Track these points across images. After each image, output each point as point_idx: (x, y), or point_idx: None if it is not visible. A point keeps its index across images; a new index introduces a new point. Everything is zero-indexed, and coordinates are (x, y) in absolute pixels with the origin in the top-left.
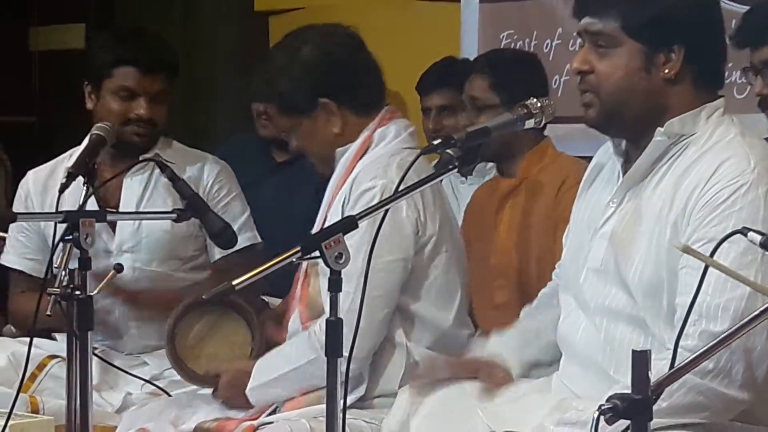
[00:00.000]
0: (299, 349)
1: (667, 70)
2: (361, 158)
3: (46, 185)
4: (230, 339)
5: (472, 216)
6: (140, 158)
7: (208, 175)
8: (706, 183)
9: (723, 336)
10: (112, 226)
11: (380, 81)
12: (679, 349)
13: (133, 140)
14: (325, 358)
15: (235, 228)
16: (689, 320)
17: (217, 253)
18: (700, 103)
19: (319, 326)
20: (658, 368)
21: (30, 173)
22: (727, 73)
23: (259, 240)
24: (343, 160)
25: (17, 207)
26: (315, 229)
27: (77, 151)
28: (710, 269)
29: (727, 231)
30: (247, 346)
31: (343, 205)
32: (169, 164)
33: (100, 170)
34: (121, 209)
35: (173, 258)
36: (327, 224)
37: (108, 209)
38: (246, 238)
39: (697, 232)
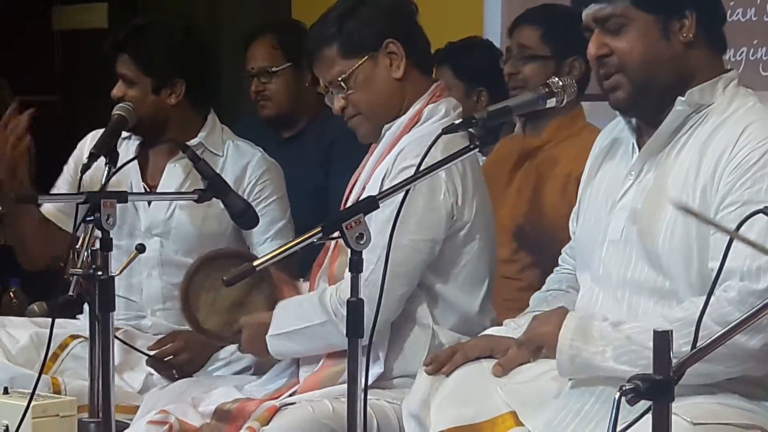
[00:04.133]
0: (313, 308)
1: (684, 34)
2: (408, 133)
3: None
4: (244, 290)
5: (490, 168)
6: (165, 141)
7: (251, 174)
8: (733, 147)
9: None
10: (149, 206)
11: (430, 47)
12: (718, 293)
13: None
14: (336, 322)
15: (272, 232)
16: (730, 284)
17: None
18: (716, 70)
19: (335, 291)
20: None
21: (91, 134)
22: (752, 50)
23: None
24: (389, 134)
25: (71, 165)
26: (347, 202)
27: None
28: (743, 233)
29: (761, 192)
30: (261, 297)
31: (383, 179)
32: (215, 152)
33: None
34: None
35: (199, 253)
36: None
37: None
38: (280, 244)
39: (730, 196)
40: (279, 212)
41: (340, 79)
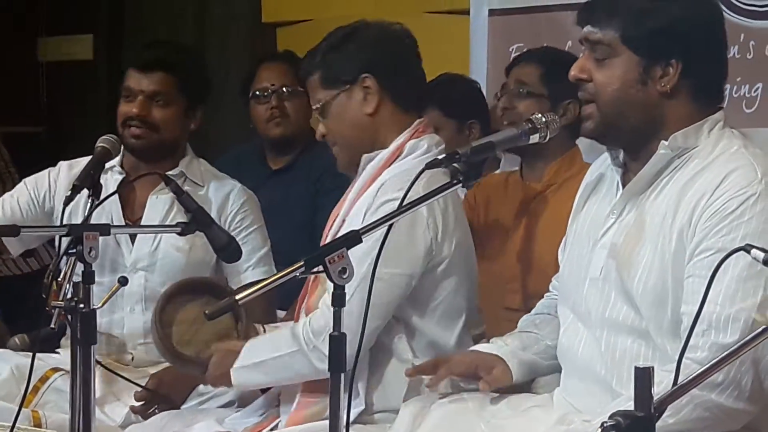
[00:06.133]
0: (285, 338)
1: (663, 84)
2: (389, 167)
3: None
4: (215, 326)
5: (486, 210)
6: (150, 173)
7: (233, 203)
8: (712, 193)
9: (731, 350)
10: (132, 241)
11: (423, 85)
12: (687, 361)
13: (130, 143)
14: (306, 352)
15: (253, 260)
16: (697, 330)
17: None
18: (699, 116)
19: (308, 321)
20: (664, 380)
21: (64, 164)
22: (735, 87)
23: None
24: (370, 167)
25: (41, 182)
26: (329, 235)
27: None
28: (717, 279)
29: (736, 241)
30: (231, 332)
31: (365, 213)
32: (196, 182)
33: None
34: None
35: None
36: (346, 229)
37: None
38: (261, 272)
39: (705, 242)
40: (260, 240)
41: (315, 107)
